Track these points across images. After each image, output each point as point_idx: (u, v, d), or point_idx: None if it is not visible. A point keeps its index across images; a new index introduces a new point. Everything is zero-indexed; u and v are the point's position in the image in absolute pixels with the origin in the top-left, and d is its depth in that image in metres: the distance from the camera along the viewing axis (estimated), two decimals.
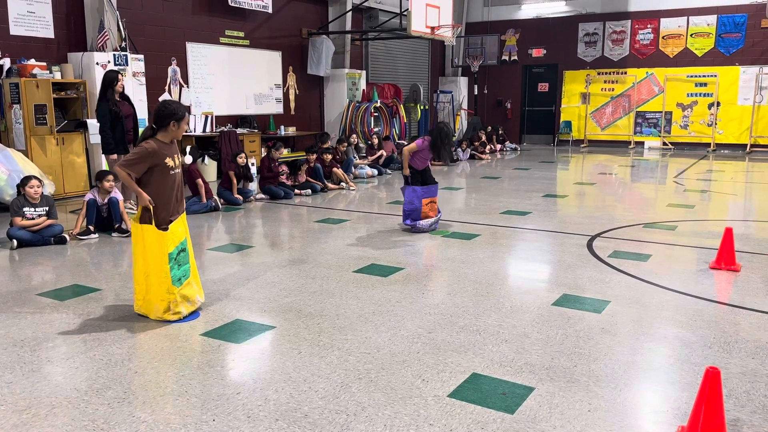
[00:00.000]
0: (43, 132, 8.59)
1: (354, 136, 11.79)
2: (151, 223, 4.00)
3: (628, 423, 2.84)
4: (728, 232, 5.23)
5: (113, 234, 6.62)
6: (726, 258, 5.25)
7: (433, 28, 12.82)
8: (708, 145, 16.24)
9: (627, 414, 2.91)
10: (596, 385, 3.18)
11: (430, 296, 4.58)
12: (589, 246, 6.08)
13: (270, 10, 12.57)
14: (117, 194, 6.78)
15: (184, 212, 4.26)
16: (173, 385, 3.20)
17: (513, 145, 17.26)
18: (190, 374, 3.33)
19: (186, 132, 4.17)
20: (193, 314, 4.19)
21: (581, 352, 3.57)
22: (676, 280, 4.96)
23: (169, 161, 4.06)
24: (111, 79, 7.51)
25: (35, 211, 6.23)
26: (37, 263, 5.62)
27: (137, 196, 4.05)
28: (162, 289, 3.99)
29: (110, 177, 6.74)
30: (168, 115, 4.02)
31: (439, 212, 6.93)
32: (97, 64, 9.23)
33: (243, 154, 8.80)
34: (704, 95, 16.25)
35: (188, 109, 4.24)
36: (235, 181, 8.59)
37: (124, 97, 7.76)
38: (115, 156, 7.53)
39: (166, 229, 4.02)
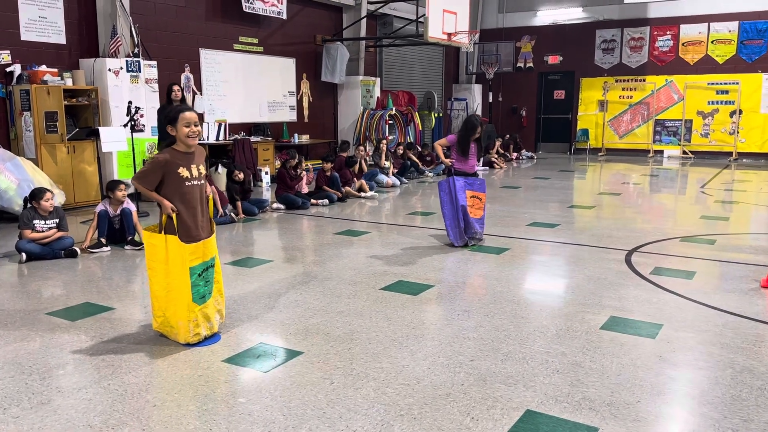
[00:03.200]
0: (53, 140, 8.34)
1: (384, 142, 11.48)
2: (175, 234, 3.72)
3: None
4: None
5: (126, 247, 6.34)
6: None
7: (449, 35, 12.56)
8: (729, 154, 15.87)
9: None
10: (667, 425, 2.85)
11: (466, 318, 4.26)
12: (628, 261, 5.75)
13: (284, 17, 12.35)
14: (130, 205, 6.51)
15: (214, 232, 3.96)
16: (196, 421, 2.89)
17: (529, 153, 16.93)
18: (214, 408, 3.02)
19: (192, 134, 3.82)
20: (214, 337, 3.89)
21: (642, 384, 3.25)
22: (728, 300, 4.62)
23: (183, 171, 3.77)
24: (168, 89, 8.44)
25: (45, 223, 5.96)
26: (47, 278, 5.34)
27: (160, 205, 3.79)
28: (183, 305, 3.69)
29: (122, 186, 6.47)
30: (167, 121, 3.79)
31: (482, 221, 6.44)
32: (110, 70, 8.99)
33: (237, 170, 8.37)
34: (726, 103, 15.90)
35: (187, 107, 3.91)
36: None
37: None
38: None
39: (188, 241, 3.74)
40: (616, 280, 5.16)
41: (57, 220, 6.04)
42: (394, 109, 14.00)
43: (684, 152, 16.41)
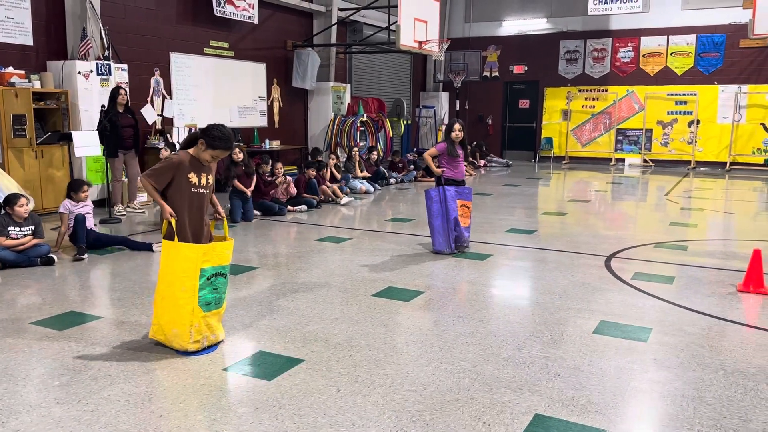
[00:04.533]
0: (21, 144, 8.09)
1: (356, 149, 11.53)
2: (173, 239, 3.66)
3: None
4: (756, 254, 5.08)
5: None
6: (755, 281, 5.10)
7: (421, 43, 12.66)
8: (688, 162, 16.39)
9: None
10: (672, 426, 2.94)
11: (462, 323, 4.30)
12: (608, 267, 5.89)
13: (255, 21, 12.26)
14: (87, 209, 6.42)
15: (232, 240, 3.89)
16: (206, 431, 2.85)
17: (504, 160, 17.10)
18: (223, 417, 2.98)
19: (210, 162, 3.86)
20: (211, 347, 3.83)
21: (642, 387, 3.33)
22: (709, 304, 4.78)
23: (192, 177, 3.75)
24: (113, 93, 8.52)
25: (20, 230, 5.77)
26: (25, 286, 5.17)
27: (160, 208, 3.75)
28: (185, 310, 3.62)
29: (85, 187, 6.47)
30: (203, 134, 3.74)
31: (468, 229, 6.49)
32: (79, 73, 8.78)
33: (236, 150, 8.54)
34: (684, 113, 16.42)
35: (226, 145, 3.83)
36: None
37: (129, 110, 8.70)
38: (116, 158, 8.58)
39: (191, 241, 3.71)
40: (600, 285, 5.29)
41: (32, 227, 5.87)
42: (365, 115, 14.03)
43: (644, 161, 16.88)
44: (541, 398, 3.19)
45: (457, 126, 6.35)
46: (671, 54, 16.40)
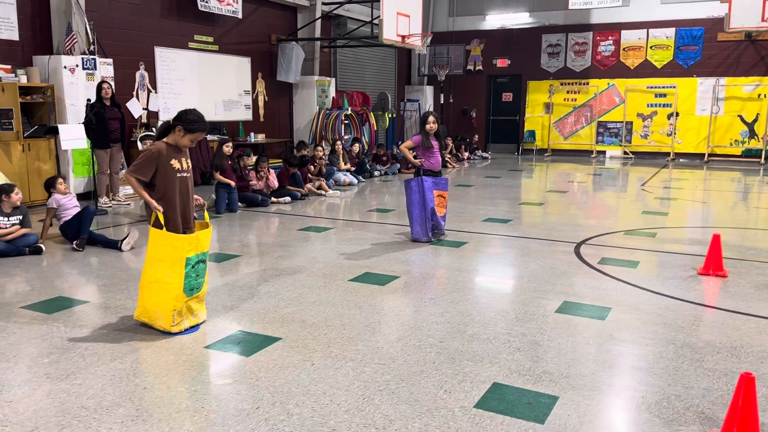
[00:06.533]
0: (8, 138, 8.23)
1: (339, 143, 11.73)
2: (161, 229, 3.87)
3: None
4: (716, 239, 5.35)
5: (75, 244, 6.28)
6: (714, 264, 5.37)
7: (403, 37, 12.85)
8: (667, 154, 16.72)
9: (656, 422, 2.92)
10: (619, 393, 3.19)
11: (433, 305, 4.53)
12: (577, 253, 6.15)
13: (240, 16, 12.40)
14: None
15: (210, 226, 4.10)
16: (187, 401, 3.06)
17: (485, 154, 17.37)
18: (203, 389, 3.20)
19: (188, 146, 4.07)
20: (193, 327, 4.04)
21: (595, 359, 3.58)
22: (669, 286, 5.04)
23: (174, 163, 3.97)
24: (98, 87, 8.71)
25: (8, 220, 5.94)
26: (14, 274, 5.35)
27: (146, 203, 3.96)
28: (169, 295, 3.83)
29: (60, 180, 6.60)
30: (178, 118, 3.94)
31: (444, 218, 6.73)
32: (65, 67, 8.91)
33: (229, 143, 8.79)
34: (663, 106, 16.74)
35: (203, 127, 4.05)
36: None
37: (115, 104, 8.84)
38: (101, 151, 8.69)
39: (182, 232, 3.92)
40: (567, 269, 5.54)
41: (20, 217, 6.03)
42: (349, 109, 14.22)
43: (625, 153, 17.19)
44: (500, 369, 3.43)
45: (431, 118, 6.58)
46: (651, 47, 16.70)
